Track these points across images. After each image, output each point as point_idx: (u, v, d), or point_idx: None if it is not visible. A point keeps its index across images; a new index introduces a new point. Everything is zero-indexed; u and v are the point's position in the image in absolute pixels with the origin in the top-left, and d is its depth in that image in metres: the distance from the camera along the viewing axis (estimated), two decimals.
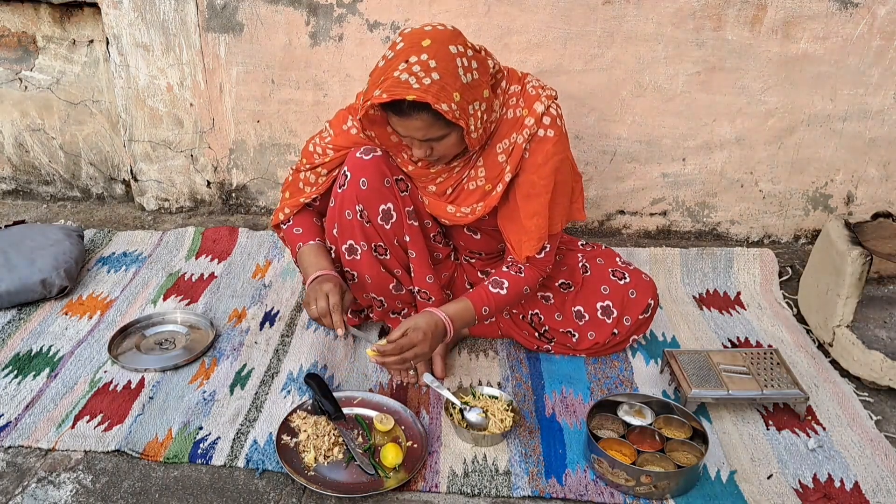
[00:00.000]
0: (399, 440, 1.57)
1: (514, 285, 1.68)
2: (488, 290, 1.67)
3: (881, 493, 1.48)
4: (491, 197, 1.63)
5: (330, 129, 1.71)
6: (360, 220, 1.65)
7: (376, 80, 1.44)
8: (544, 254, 1.69)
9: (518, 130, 1.58)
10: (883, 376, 1.74)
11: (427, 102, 1.39)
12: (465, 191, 1.66)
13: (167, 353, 1.87)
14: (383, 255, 1.70)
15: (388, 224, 1.66)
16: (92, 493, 1.45)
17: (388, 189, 1.64)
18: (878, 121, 2.29)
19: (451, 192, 1.67)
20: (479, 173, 1.63)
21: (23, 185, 2.74)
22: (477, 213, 1.65)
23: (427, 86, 1.39)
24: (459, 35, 1.47)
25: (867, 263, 1.82)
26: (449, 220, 1.69)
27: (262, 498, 1.45)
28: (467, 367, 1.85)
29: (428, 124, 1.45)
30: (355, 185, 1.62)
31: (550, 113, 1.58)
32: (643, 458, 1.49)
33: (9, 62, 2.52)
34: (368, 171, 1.62)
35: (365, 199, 1.63)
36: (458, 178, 1.65)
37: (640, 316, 1.83)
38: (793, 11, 2.15)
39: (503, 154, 1.61)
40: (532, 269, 1.70)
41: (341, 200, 1.65)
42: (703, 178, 2.41)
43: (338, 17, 2.26)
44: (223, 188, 2.58)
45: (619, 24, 2.19)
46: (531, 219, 1.63)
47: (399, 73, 1.40)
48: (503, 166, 1.61)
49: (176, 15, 2.31)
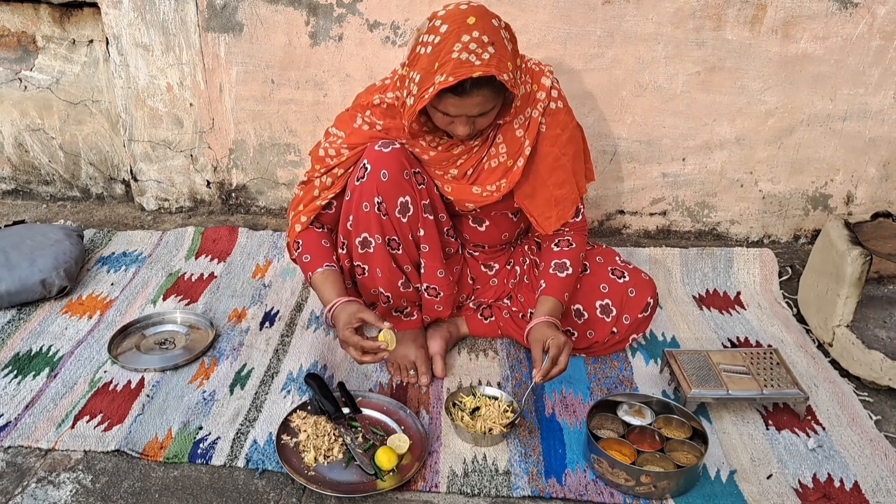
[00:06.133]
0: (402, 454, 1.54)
1: (574, 261, 1.76)
2: (559, 278, 1.73)
3: (881, 492, 1.48)
4: (513, 172, 1.68)
5: (338, 131, 1.71)
6: (378, 213, 1.65)
7: (429, 69, 1.46)
8: (581, 216, 1.80)
9: (532, 105, 1.66)
10: (883, 376, 1.74)
11: (491, 75, 1.43)
12: (485, 170, 1.70)
13: (167, 353, 1.87)
14: (396, 250, 1.71)
15: (404, 217, 1.67)
16: (92, 493, 1.45)
17: (407, 182, 1.65)
18: (878, 121, 2.29)
19: (471, 173, 1.71)
20: (500, 150, 1.68)
21: (22, 184, 2.74)
22: (502, 190, 1.69)
23: (488, 60, 1.43)
24: (488, 9, 1.52)
25: (867, 263, 1.82)
26: (474, 201, 1.72)
27: (262, 498, 1.45)
28: (467, 367, 1.85)
29: (487, 99, 1.49)
30: (376, 176, 1.63)
31: (556, 86, 1.69)
32: (643, 458, 1.49)
33: (9, 62, 2.52)
34: (390, 164, 1.62)
35: (385, 190, 1.63)
36: (478, 158, 1.69)
37: (640, 315, 1.83)
38: (793, 11, 2.15)
39: (520, 129, 1.66)
40: (577, 236, 1.80)
41: (359, 193, 1.65)
42: (703, 177, 2.41)
43: (338, 17, 2.26)
44: (223, 188, 2.58)
45: (619, 23, 2.19)
46: (561, 188, 1.72)
47: (458, 55, 1.43)
48: (522, 141, 1.67)
49: (176, 15, 2.31)
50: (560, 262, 1.75)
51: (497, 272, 1.94)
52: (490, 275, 1.94)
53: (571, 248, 1.77)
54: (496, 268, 1.94)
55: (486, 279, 1.94)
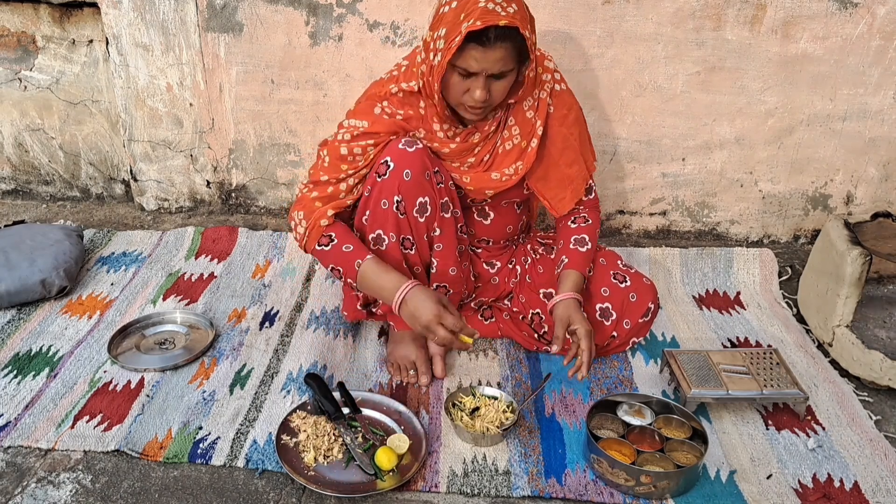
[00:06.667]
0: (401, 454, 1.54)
1: (592, 236, 1.82)
2: (580, 252, 1.79)
3: (881, 492, 1.48)
4: (528, 154, 1.73)
5: (358, 122, 1.68)
6: (396, 212, 1.65)
7: (455, 20, 1.50)
8: (593, 193, 1.87)
9: (539, 87, 1.72)
10: (882, 376, 1.74)
11: (515, 27, 1.48)
12: (499, 154, 1.74)
13: (167, 353, 1.87)
14: (408, 250, 1.71)
15: (422, 217, 1.68)
16: (92, 493, 1.45)
17: (428, 182, 1.66)
18: (878, 121, 2.29)
19: (488, 159, 1.74)
20: (514, 132, 1.73)
21: (22, 184, 2.74)
22: (519, 172, 1.74)
23: (512, 14, 1.48)
24: None
25: (867, 263, 1.82)
26: (494, 187, 1.75)
27: (262, 498, 1.45)
28: (467, 367, 1.85)
29: (507, 55, 1.52)
30: (398, 175, 1.63)
31: (557, 69, 1.77)
32: (643, 458, 1.49)
33: (8, 62, 2.52)
34: (413, 163, 1.63)
35: (406, 190, 1.64)
36: (492, 144, 1.74)
37: (640, 320, 1.83)
38: (792, 11, 2.15)
39: (530, 110, 1.72)
40: (591, 212, 1.86)
41: (379, 189, 1.65)
42: (703, 177, 2.41)
43: (337, 17, 2.26)
44: (223, 188, 2.58)
45: (619, 23, 2.19)
46: (571, 167, 1.79)
47: (483, 4, 1.48)
48: (533, 122, 1.72)
49: (176, 15, 2.31)
50: (579, 237, 1.80)
51: (498, 270, 1.94)
52: (492, 272, 1.94)
53: (588, 223, 1.83)
54: (498, 266, 1.94)
55: (487, 277, 1.94)
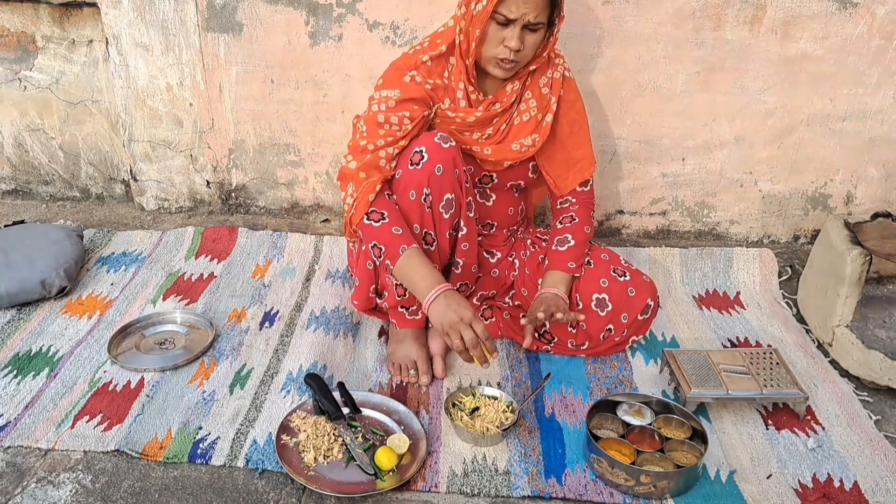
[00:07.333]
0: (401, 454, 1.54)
1: (575, 233, 1.86)
2: (560, 252, 1.84)
3: (880, 492, 1.48)
4: (543, 127, 1.80)
5: (390, 92, 1.68)
6: (423, 204, 1.66)
7: None
8: (589, 186, 1.91)
9: (553, 67, 1.81)
10: (882, 376, 1.74)
11: None
12: (514, 127, 1.80)
13: (167, 353, 1.87)
14: (429, 246, 1.72)
15: (447, 213, 1.69)
16: (91, 493, 1.45)
17: (456, 180, 1.68)
18: (878, 121, 2.29)
19: (504, 128, 1.80)
20: (531, 105, 1.80)
21: (22, 184, 2.74)
22: (536, 144, 1.80)
23: None
24: None
25: (867, 263, 1.82)
26: (513, 158, 1.80)
27: (262, 498, 1.45)
28: (467, 366, 1.84)
29: (544, 3, 1.60)
30: (430, 168, 1.64)
31: (566, 61, 1.86)
32: (643, 458, 1.49)
33: (8, 62, 2.51)
34: (445, 159, 1.65)
35: (436, 184, 1.65)
36: (509, 114, 1.80)
37: (640, 316, 1.83)
38: (792, 11, 2.15)
39: (546, 87, 1.81)
40: (582, 208, 1.90)
41: (408, 179, 1.66)
42: (703, 177, 2.41)
43: (337, 17, 2.26)
44: (223, 188, 2.58)
45: (619, 23, 2.19)
46: (579, 149, 1.87)
47: None
48: (548, 97, 1.81)
49: (175, 15, 2.31)
50: (561, 237, 1.86)
51: (499, 261, 1.95)
52: (492, 263, 1.95)
53: (574, 222, 1.88)
54: (498, 256, 1.95)
55: (489, 267, 1.95)
